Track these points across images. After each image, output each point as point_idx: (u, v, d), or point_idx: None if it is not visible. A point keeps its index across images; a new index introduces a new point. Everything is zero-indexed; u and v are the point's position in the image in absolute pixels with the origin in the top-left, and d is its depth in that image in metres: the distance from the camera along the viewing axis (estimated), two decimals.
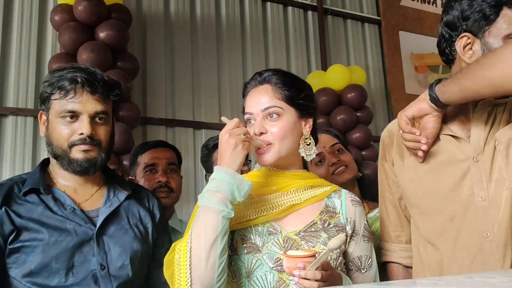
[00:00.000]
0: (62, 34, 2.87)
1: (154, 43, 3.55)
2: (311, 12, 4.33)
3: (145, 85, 3.47)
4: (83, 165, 1.42)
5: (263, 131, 1.30)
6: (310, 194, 1.34)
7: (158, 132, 3.43)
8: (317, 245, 1.24)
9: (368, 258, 1.34)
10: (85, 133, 1.40)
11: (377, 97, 4.49)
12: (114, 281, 1.38)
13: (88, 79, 1.42)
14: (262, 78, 1.37)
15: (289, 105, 1.33)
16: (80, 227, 1.40)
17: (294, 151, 1.34)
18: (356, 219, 1.34)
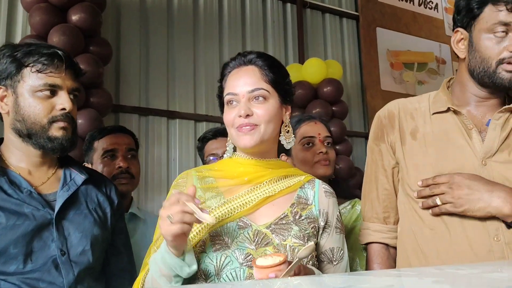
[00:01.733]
0: (32, 15, 2.77)
1: (128, 29, 3.47)
2: (289, 4, 4.31)
3: (118, 71, 3.38)
4: (64, 143, 1.38)
5: (249, 113, 1.25)
6: (284, 185, 1.30)
7: (131, 121, 3.36)
8: (288, 239, 1.21)
9: (340, 249, 1.32)
10: (67, 108, 1.37)
11: (353, 92, 4.51)
12: (75, 267, 1.34)
13: (67, 55, 1.41)
14: (248, 59, 1.32)
15: (274, 89, 1.29)
16: (38, 211, 1.34)
17: (275, 138, 1.31)
18: (329, 211, 1.31)
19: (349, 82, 4.48)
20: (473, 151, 1.33)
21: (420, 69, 4.71)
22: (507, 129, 1.34)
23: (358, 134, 4.41)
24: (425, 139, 1.40)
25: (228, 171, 1.32)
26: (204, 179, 1.32)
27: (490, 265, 0.78)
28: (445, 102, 1.41)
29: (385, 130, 1.48)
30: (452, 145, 1.36)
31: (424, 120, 1.43)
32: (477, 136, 1.34)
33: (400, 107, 1.49)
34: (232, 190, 1.28)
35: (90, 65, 2.76)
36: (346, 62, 4.52)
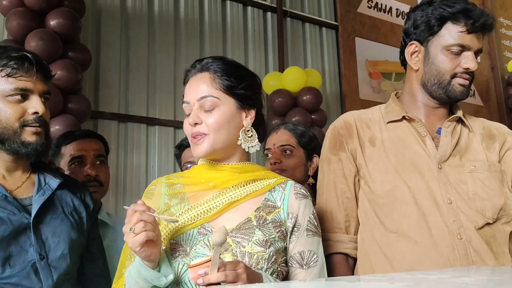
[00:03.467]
0: (9, 19, 2.74)
1: (109, 34, 3.46)
2: (270, 13, 4.34)
3: (97, 78, 3.36)
4: (38, 148, 1.36)
5: (198, 121, 1.23)
6: (251, 189, 1.27)
7: (110, 127, 3.33)
8: (248, 245, 1.17)
9: (312, 253, 1.26)
10: (40, 111, 1.35)
11: (332, 100, 4.55)
12: (55, 272, 1.32)
13: (36, 58, 1.38)
14: (201, 65, 1.30)
15: (228, 95, 1.25)
16: (14, 216, 1.32)
17: (232, 144, 1.27)
18: (299, 213, 1.27)
19: (328, 91, 4.52)
20: (428, 156, 1.41)
21: (398, 79, 4.78)
22: (455, 136, 1.45)
23: None
24: (383, 145, 1.46)
25: (195, 178, 1.31)
26: (172, 186, 1.30)
27: (459, 270, 0.80)
28: (399, 111, 1.49)
29: (344, 140, 1.51)
30: (409, 151, 1.43)
31: (380, 128, 1.50)
32: (431, 142, 1.43)
33: (355, 117, 1.55)
34: (197, 196, 1.26)
35: (69, 71, 2.73)
36: (325, 71, 4.56)
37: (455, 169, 1.40)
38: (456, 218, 1.34)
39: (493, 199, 1.37)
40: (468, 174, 1.40)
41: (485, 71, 5.69)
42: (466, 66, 1.40)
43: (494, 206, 1.37)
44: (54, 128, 2.58)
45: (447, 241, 1.32)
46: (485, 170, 1.41)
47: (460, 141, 1.45)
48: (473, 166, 1.41)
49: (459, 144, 1.44)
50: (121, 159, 3.35)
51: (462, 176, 1.39)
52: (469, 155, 1.43)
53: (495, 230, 1.36)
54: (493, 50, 5.76)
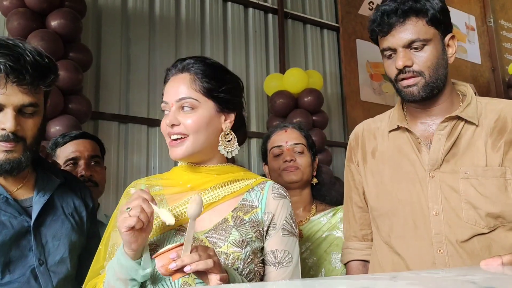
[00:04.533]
0: (10, 20, 2.73)
1: (109, 36, 3.45)
2: (271, 15, 4.34)
3: (98, 78, 3.36)
4: (4, 167, 1.25)
5: (175, 122, 1.21)
6: (229, 190, 1.26)
7: (110, 128, 3.33)
8: (224, 245, 1.16)
9: (286, 253, 1.24)
10: (7, 128, 1.21)
11: (333, 102, 4.55)
12: (54, 277, 1.30)
13: (13, 67, 1.19)
14: (182, 65, 1.27)
15: (207, 97, 1.23)
16: (15, 219, 1.28)
17: (211, 147, 1.25)
18: (276, 213, 1.26)
19: (329, 93, 4.52)
20: (422, 164, 1.36)
21: None
22: (452, 137, 1.35)
23: (338, 144, 4.44)
24: (382, 157, 1.46)
25: (173, 179, 1.29)
26: (152, 188, 1.29)
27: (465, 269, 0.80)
28: (396, 119, 1.45)
29: (353, 151, 1.55)
30: (405, 160, 1.40)
31: (383, 139, 1.49)
32: (425, 149, 1.37)
33: (365, 127, 1.56)
34: (176, 197, 1.24)
35: (70, 71, 2.73)
36: (326, 72, 4.56)
37: (449, 176, 1.33)
38: (439, 231, 1.31)
39: (487, 207, 1.28)
40: (461, 181, 1.32)
41: (486, 73, 5.69)
42: (396, 66, 1.34)
43: (489, 214, 1.28)
44: (55, 128, 2.58)
45: (429, 255, 1.30)
46: (480, 176, 1.31)
47: (460, 142, 1.36)
48: (467, 173, 1.32)
49: (457, 146, 1.35)
50: (121, 160, 3.34)
51: (455, 184, 1.32)
52: (466, 158, 1.34)
53: (492, 239, 1.28)
54: (493, 52, 5.76)
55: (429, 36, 1.32)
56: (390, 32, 1.33)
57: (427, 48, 1.32)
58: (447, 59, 1.37)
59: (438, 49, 1.33)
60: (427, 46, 1.32)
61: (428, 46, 1.32)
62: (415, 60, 1.32)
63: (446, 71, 1.36)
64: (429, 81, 1.32)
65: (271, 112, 3.98)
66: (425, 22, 1.31)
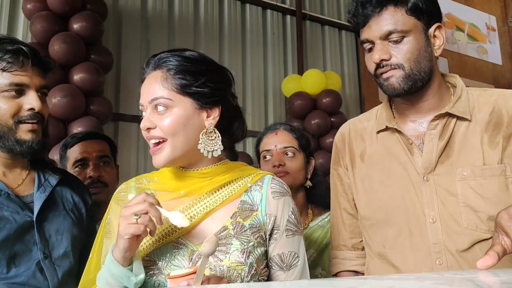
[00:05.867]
0: (34, 23, 2.79)
1: (129, 38, 3.50)
2: (289, 16, 4.35)
3: (118, 80, 3.40)
4: (34, 147, 1.30)
5: (150, 126, 1.11)
6: (226, 193, 1.16)
7: (130, 129, 3.37)
8: (226, 258, 1.08)
9: (293, 254, 1.18)
10: (36, 107, 1.29)
11: (351, 103, 4.53)
12: (59, 270, 1.31)
13: (33, 52, 1.31)
14: (154, 62, 1.16)
15: (182, 95, 1.11)
16: (18, 214, 1.30)
17: (194, 148, 1.13)
18: (278, 214, 1.17)
19: (348, 94, 4.50)
20: (414, 167, 1.24)
21: None
22: (445, 136, 1.24)
23: None
24: (371, 160, 1.34)
25: (165, 184, 1.20)
26: (142, 192, 1.18)
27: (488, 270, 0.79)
28: (384, 119, 1.32)
29: (340, 154, 1.43)
30: (395, 163, 1.28)
31: (371, 140, 1.36)
32: (417, 150, 1.25)
33: (351, 127, 1.43)
34: (170, 206, 1.12)
35: (91, 73, 2.77)
36: (345, 73, 4.55)
37: (444, 179, 1.21)
38: (437, 241, 1.19)
39: (488, 209, 1.16)
40: (459, 183, 1.20)
41: (507, 74, 5.60)
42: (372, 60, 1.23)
43: (491, 217, 1.14)
44: (77, 130, 2.62)
45: (428, 266, 1.19)
46: (478, 176, 1.19)
47: (453, 140, 1.24)
48: (464, 174, 1.20)
49: (450, 146, 1.23)
50: (141, 161, 3.38)
51: (452, 187, 1.20)
52: (462, 158, 1.22)
53: None
54: None
55: (409, 27, 1.19)
56: (367, 24, 1.22)
57: (406, 40, 1.20)
58: (431, 51, 1.24)
59: (420, 41, 1.21)
60: (407, 37, 1.20)
61: (408, 37, 1.20)
62: (394, 53, 1.20)
63: (430, 63, 1.23)
64: (409, 72, 1.20)
65: (289, 114, 3.98)
66: (405, 11, 1.19)
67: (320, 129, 3.72)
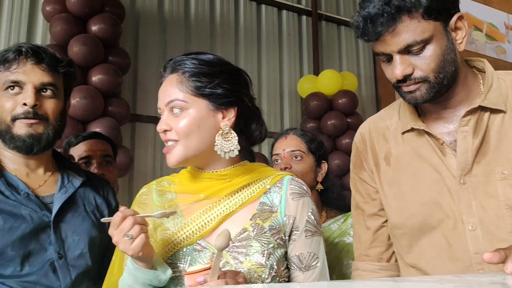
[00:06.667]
0: (53, 25, 2.84)
1: (146, 39, 3.53)
2: (305, 17, 4.34)
3: (135, 81, 3.44)
4: (26, 140, 1.31)
5: (167, 128, 1.13)
6: (245, 195, 1.17)
7: (147, 130, 3.40)
8: (246, 260, 1.09)
9: (312, 255, 1.18)
10: (28, 103, 1.29)
11: (368, 104, 4.51)
12: (73, 271, 1.32)
13: (33, 49, 1.33)
14: (171, 66, 1.18)
15: (197, 96, 1.13)
16: (36, 213, 1.32)
17: (209, 149, 1.14)
18: (297, 215, 1.18)
19: (364, 94, 4.48)
20: (449, 170, 1.12)
21: None
22: (480, 133, 1.11)
23: None
24: (398, 163, 1.20)
25: (186, 186, 1.22)
26: (164, 195, 1.23)
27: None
28: (409, 119, 1.20)
29: (362, 157, 1.29)
30: (426, 166, 1.15)
31: (395, 141, 1.22)
32: (450, 150, 1.12)
33: (371, 127, 1.29)
34: (190, 208, 1.17)
35: (110, 75, 2.81)
36: (361, 74, 4.53)
37: (483, 180, 1.09)
38: (478, 250, 1.07)
39: None
40: (499, 183, 1.08)
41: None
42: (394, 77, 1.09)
43: None
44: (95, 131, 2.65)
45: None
46: None
47: (489, 136, 1.11)
48: (504, 172, 1.08)
49: (487, 143, 1.11)
50: (157, 161, 3.41)
51: (491, 188, 1.08)
52: (501, 155, 1.09)
53: None
54: None
55: (429, 33, 1.05)
56: (380, 39, 1.07)
57: (429, 48, 1.06)
58: (454, 48, 1.10)
59: (443, 43, 1.07)
60: (429, 45, 1.06)
61: (430, 45, 1.06)
62: (417, 65, 1.07)
63: (455, 64, 1.10)
64: (434, 83, 1.08)
65: (304, 114, 3.98)
66: (421, 17, 1.04)
67: (337, 130, 3.71)
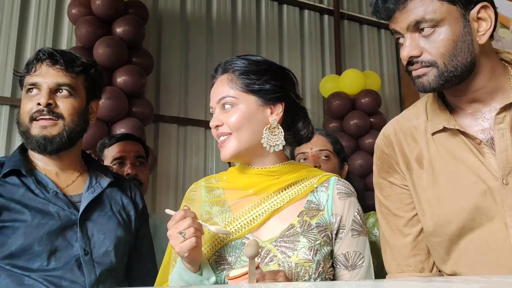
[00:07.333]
0: (79, 27, 2.88)
1: (169, 40, 3.56)
2: (327, 16, 4.32)
3: (158, 82, 3.47)
4: (40, 141, 1.36)
5: (218, 123, 1.21)
6: (293, 193, 1.22)
7: (170, 130, 3.43)
8: (294, 255, 1.13)
9: (358, 254, 1.20)
10: (41, 103, 1.36)
11: (391, 103, 4.46)
12: (98, 268, 1.35)
13: (48, 52, 1.40)
14: (222, 67, 1.28)
15: (246, 93, 1.21)
16: (63, 211, 1.36)
17: (259, 144, 1.21)
18: (344, 214, 1.21)
19: (387, 94, 4.43)
20: (489, 171, 1.04)
21: None
22: None
23: None
24: (432, 166, 1.13)
25: (234, 182, 1.27)
26: (212, 191, 1.29)
27: None
28: (440, 118, 1.12)
29: (392, 160, 1.20)
30: (463, 169, 1.08)
31: (426, 142, 1.15)
32: (488, 150, 1.05)
33: (397, 128, 1.21)
34: (239, 204, 1.22)
35: (134, 76, 2.84)
36: (384, 73, 4.48)
37: None
38: None
39: None
40: None
41: None
42: (401, 58, 1.08)
43: None
44: (120, 131, 2.70)
45: None
46: None
47: None
48: None
49: None
50: (180, 161, 3.44)
51: None
52: None
53: None
54: None
55: (441, 15, 1.00)
56: (392, 17, 1.06)
57: (439, 31, 1.01)
58: (472, 40, 1.03)
59: (456, 30, 1.02)
60: (440, 27, 1.01)
61: (441, 27, 1.01)
62: (426, 48, 1.03)
63: (471, 56, 1.04)
64: (443, 70, 1.03)
65: (327, 114, 3.95)
66: None
67: (359, 130, 3.67)
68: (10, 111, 2.93)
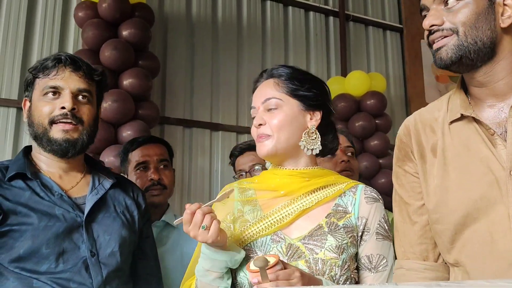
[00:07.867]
0: (85, 30, 2.90)
1: (175, 43, 3.57)
2: (332, 17, 4.31)
3: (164, 84, 3.48)
4: (63, 144, 1.40)
5: (261, 122, 1.29)
6: (322, 195, 1.28)
7: (175, 132, 3.44)
8: (321, 252, 1.19)
9: (381, 257, 1.25)
10: (67, 107, 1.39)
11: (397, 105, 4.45)
12: (104, 269, 1.37)
13: (71, 57, 1.45)
14: (267, 73, 1.37)
15: (290, 96, 1.30)
16: (69, 213, 1.38)
17: (296, 145, 1.29)
18: (369, 217, 1.27)
19: (393, 95, 4.42)
20: (499, 162, 1.04)
21: None
22: None
23: None
24: (444, 156, 1.14)
25: (266, 184, 1.34)
26: (244, 192, 1.35)
27: None
28: (459, 106, 1.13)
29: (408, 148, 1.22)
30: (475, 159, 1.08)
31: (442, 132, 1.16)
32: (501, 141, 1.05)
33: (417, 119, 1.23)
34: (269, 203, 1.29)
35: (140, 78, 2.85)
36: (389, 74, 4.47)
37: None
38: None
39: None
40: None
41: None
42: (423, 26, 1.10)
43: None
44: (126, 133, 2.71)
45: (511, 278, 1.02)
46: None
47: None
48: None
49: None
50: (186, 163, 3.45)
51: None
52: None
53: None
54: None
55: None
56: None
57: (463, 3, 1.05)
58: (495, 19, 1.05)
59: (480, 4, 1.04)
60: (463, 0, 1.05)
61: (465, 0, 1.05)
62: (448, 17, 1.06)
63: (493, 34, 1.05)
64: (463, 39, 1.04)
65: None
66: None
67: (365, 132, 3.67)
68: (17, 114, 2.96)
